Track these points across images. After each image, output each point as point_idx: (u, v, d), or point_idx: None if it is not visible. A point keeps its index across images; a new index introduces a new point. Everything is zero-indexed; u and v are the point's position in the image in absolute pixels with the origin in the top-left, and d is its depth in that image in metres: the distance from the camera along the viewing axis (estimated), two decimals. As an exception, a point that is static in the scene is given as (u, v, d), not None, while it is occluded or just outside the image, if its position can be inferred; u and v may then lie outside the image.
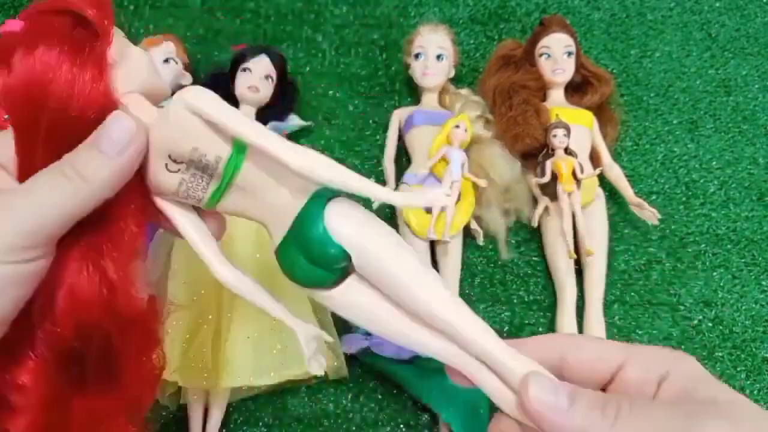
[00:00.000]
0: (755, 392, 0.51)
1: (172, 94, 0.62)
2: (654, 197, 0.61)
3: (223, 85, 0.59)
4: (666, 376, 0.24)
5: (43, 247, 0.22)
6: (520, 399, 0.23)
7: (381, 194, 0.25)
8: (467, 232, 0.56)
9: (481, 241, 0.56)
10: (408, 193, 0.26)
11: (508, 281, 0.56)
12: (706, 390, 0.23)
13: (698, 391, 0.23)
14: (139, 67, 0.25)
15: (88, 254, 0.24)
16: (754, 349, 0.53)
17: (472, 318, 0.25)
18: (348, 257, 0.26)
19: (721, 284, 0.57)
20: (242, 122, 0.24)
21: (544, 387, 0.23)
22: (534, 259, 0.58)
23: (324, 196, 0.26)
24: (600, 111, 0.61)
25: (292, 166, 0.24)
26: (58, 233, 0.22)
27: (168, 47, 0.58)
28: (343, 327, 0.52)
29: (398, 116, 0.60)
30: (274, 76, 0.58)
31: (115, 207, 0.24)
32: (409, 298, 0.25)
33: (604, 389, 0.25)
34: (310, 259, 0.26)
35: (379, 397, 0.49)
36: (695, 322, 0.55)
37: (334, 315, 0.51)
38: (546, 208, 0.56)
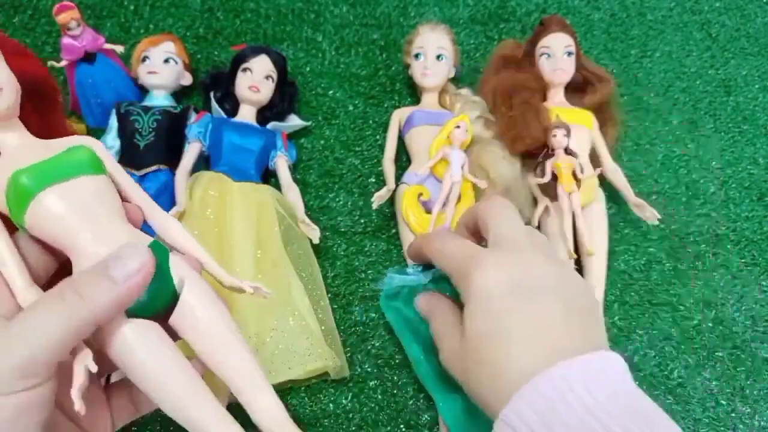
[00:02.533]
0: (755, 392, 0.51)
1: (173, 94, 0.62)
2: (654, 197, 0.61)
3: (223, 85, 0.59)
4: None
5: (41, 374, 0.22)
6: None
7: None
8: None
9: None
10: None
11: (508, 281, 0.56)
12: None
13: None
14: None
15: None
16: (754, 349, 0.53)
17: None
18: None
19: (721, 284, 0.57)
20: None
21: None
22: (534, 259, 0.57)
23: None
24: (600, 111, 0.61)
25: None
26: (54, 360, 0.22)
27: (168, 47, 0.58)
28: (343, 327, 0.52)
29: (398, 116, 0.60)
30: (275, 76, 0.58)
31: None
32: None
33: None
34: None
35: (379, 397, 0.49)
36: (695, 322, 0.54)
37: (335, 315, 0.51)
38: (546, 208, 0.56)
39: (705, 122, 0.66)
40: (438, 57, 0.59)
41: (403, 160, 0.60)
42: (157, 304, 0.27)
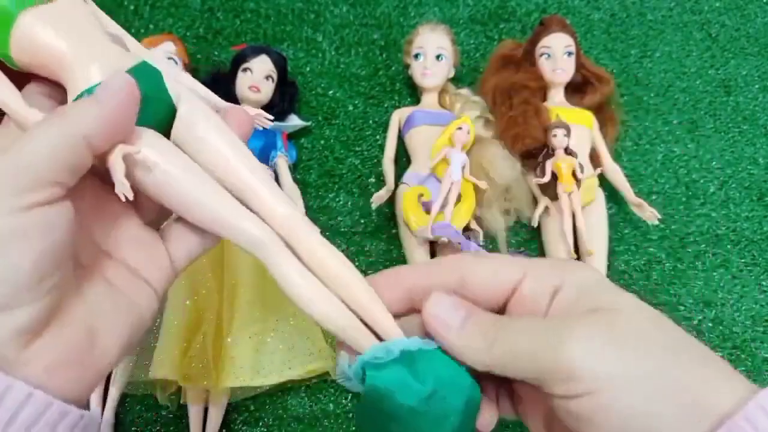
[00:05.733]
0: (755, 392, 0.51)
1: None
2: (654, 197, 0.61)
3: (223, 85, 0.59)
4: (560, 288, 0.24)
5: (36, 190, 0.21)
6: (422, 314, 0.24)
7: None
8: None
9: (481, 241, 0.56)
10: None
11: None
12: (592, 297, 0.23)
13: (584, 299, 0.23)
14: None
15: None
16: (754, 349, 0.53)
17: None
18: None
19: (721, 284, 0.57)
20: None
21: (442, 305, 0.24)
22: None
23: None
24: (600, 111, 0.61)
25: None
26: (46, 175, 0.22)
27: (168, 47, 0.58)
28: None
29: (398, 116, 0.60)
30: (275, 76, 0.58)
31: None
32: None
33: (505, 306, 0.25)
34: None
35: (379, 397, 0.49)
36: (695, 322, 0.54)
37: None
38: (546, 208, 0.56)
39: (705, 122, 0.66)
40: (438, 57, 0.59)
41: (403, 160, 0.60)
42: (162, 122, 0.26)
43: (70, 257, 0.23)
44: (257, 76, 0.57)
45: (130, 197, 0.23)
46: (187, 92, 0.27)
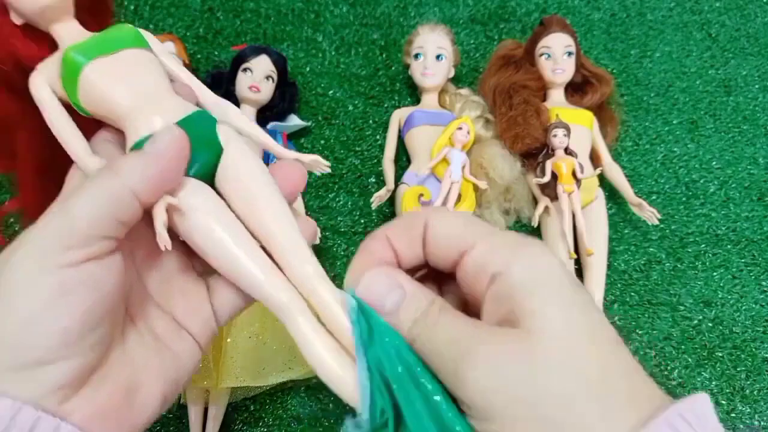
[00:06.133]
0: (755, 392, 0.51)
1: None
2: (654, 197, 0.61)
3: (224, 85, 0.59)
4: (497, 276, 0.22)
5: (84, 246, 0.22)
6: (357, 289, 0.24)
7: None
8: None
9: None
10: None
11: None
12: (520, 301, 0.21)
13: (511, 302, 0.21)
14: None
15: None
16: (754, 349, 0.53)
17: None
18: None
19: (721, 284, 0.57)
20: None
21: (378, 284, 0.23)
22: (534, 259, 0.57)
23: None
24: (600, 111, 0.61)
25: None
26: (94, 231, 0.22)
27: (168, 47, 0.58)
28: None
29: (398, 116, 0.60)
30: (275, 76, 0.58)
31: None
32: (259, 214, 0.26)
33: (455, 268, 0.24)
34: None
35: (379, 397, 0.49)
36: (695, 322, 0.55)
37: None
38: (546, 208, 0.56)
39: (705, 122, 0.66)
40: (438, 57, 0.59)
41: (403, 160, 0.60)
42: (210, 165, 0.27)
43: (119, 309, 0.24)
44: (257, 76, 0.57)
45: (169, 247, 0.24)
46: (236, 137, 0.28)
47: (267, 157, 0.57)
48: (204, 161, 0.26)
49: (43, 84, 0.26)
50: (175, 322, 0.26)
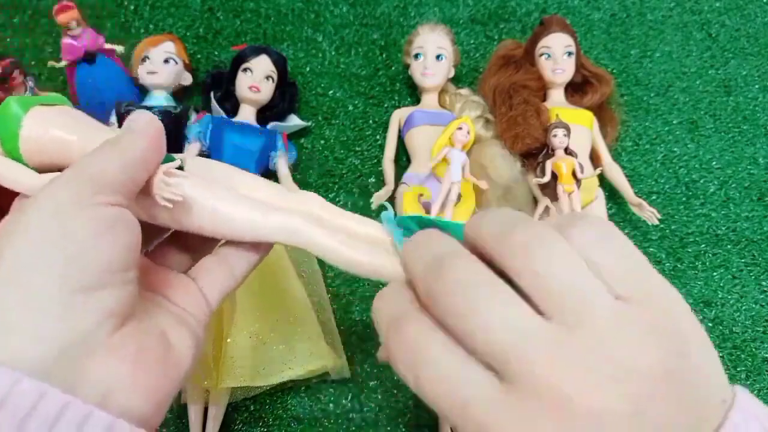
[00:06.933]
0: (755, 392, 0.51)
1: (173, 94, 0.62)
2: (654, 197, 0.61)
3: (224, 85, 0.59)
4: None
5: (114, 191, 0.23)
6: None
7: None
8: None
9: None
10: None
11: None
12: None
13: None
14: None
15: None
16: (754, 349, 0.53)
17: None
18: None
19: (721, 284, 0.57)
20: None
21: (389, 303, 0.23)
22: (534, 259, 0.57)
23: None
24: (600, 111, 0.61)
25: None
26: (126, 179, 0.24)
27: (168, 47, 0.58)
28: (343, 327, 0.52)
29: (398, 116, 0.60)
30: (275, 76, 0.58)
31: None
32: None
33: None
34: None
35: (379, 397, 0.49)
36: (695, 322, 0.55)
37: (335, 315, 0.51)
38: (546, 208, 0.56)
39: (705, 122, 0.66)
40: (438, 57, 0.59)
41: (403, 160, 0.60)
42: None
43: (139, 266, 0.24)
44: (257, 76, 0.57)
45: (178, 199, 0.25)
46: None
47: (267, 158, 0.57)
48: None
49: None
50: (171, 302, 0.27)
